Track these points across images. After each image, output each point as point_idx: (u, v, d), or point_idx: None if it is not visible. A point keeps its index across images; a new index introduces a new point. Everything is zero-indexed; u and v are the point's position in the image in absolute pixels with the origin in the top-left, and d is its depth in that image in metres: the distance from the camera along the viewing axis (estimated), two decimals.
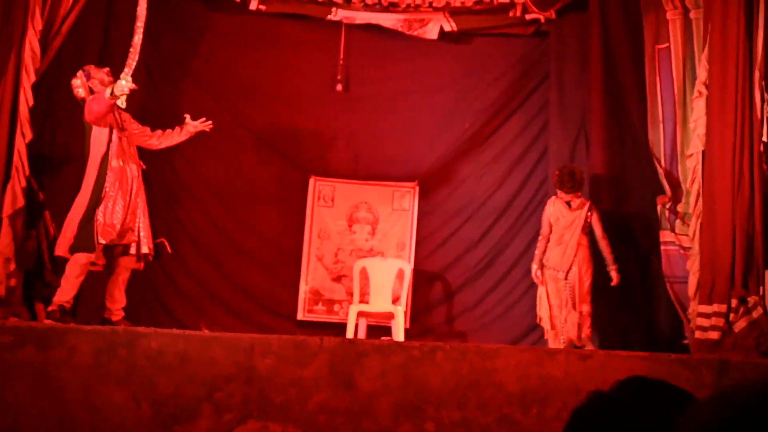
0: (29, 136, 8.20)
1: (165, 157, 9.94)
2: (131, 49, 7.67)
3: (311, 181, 10.14)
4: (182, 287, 9.84)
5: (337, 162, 10.34)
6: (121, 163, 7.81)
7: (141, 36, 7.78)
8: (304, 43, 10.43)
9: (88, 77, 8.07)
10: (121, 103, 7.47)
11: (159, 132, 8.34)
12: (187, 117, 8.34)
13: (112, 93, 7.45)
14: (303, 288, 9.98)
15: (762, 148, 7.85)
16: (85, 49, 9.45)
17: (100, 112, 7.65)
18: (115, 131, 7.82)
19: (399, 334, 9.05)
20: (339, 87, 10.33)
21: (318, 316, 9.96)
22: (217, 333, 7.13)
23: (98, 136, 7.79)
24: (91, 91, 7.93)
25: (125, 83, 7.45)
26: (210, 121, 8.39)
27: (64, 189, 9.27)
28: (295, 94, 10.40)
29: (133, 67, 7.56)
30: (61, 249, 7.82)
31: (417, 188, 10.15)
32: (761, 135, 7.85)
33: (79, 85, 8.04)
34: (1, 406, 6.44)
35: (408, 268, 9.72)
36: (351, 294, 9.56)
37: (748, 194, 7.83)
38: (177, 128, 8.36)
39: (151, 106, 10.03)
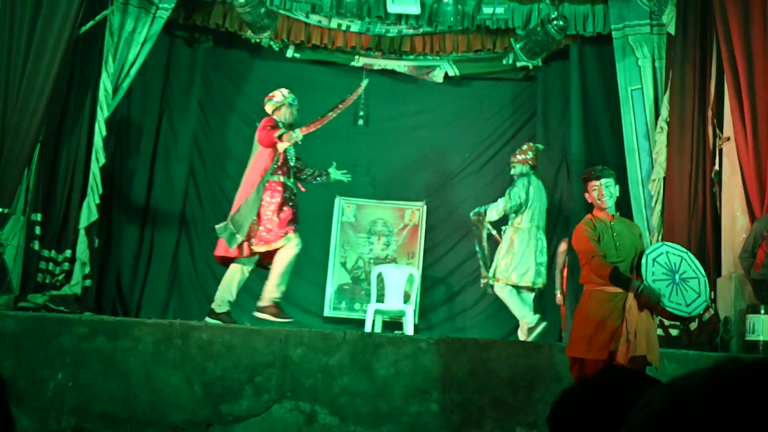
0: (102, 161, 8.26)
1: (216, 183, 10.01)
2: (321, 118, 7.44)
3: (336, 200, 10.16)
4: None
5: (359, 185, 10.34)
6: (280, 178, 7.39)
7: (335, 114, 7.59)
8: (331, 85, 10.46)
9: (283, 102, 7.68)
10: (281, 147, 7.20)
11: (306, 169, 7.97)
12: (334, 165, 8.14)
13: (280, 136, 7.15)
14: (329, 289, 10.00)
15: (713, 175, 7.85)
16: (149, 89, 9.53)
17: (263, 141, 7.27)
18: (279, 153, 7.39)
19: (409, 329, 9.05)
20: (360, 122, 10.38)
21: (341, 313, 9.98)
22: (256, 326, 7.15)
23: (263, 154, 7.38)
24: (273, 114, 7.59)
25: (296, 136, 7.13)
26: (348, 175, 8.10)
27: (131, 206, 9.34)
28: (324, 127, 10.38)
29: (312, 130, 7.34)
30: (221, 250, 7.40)
31: (425, 207, 10.17)
32: (713, 164, 7.86)
33: (275, 102, 7.70)
34: (76, 387, 6.48)
35: (417, 274, 9.73)
36: (369, 295, 9.57)
37: (701, 214, 7.84)
38: (323, 172, 8.06)
39: (203, 137, 10.09)
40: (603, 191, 5.41)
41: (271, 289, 7.38)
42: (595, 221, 5.40)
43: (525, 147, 8.57)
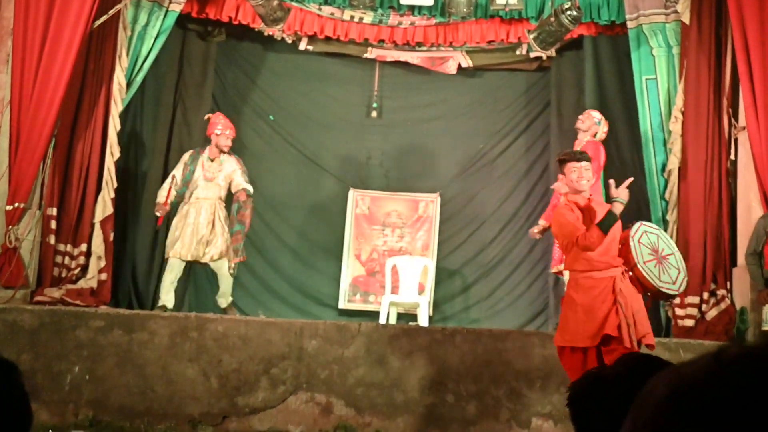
0: (117, 155, 8.30)
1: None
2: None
3: (351, 192, 10.18)
4: (243, 281, 9.90)
5: (372, 177, 10.37)
6: None
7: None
8: (344, 77, 10.49)
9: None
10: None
11: None
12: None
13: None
14: (344, 281, 10.02)
15: (729, 165, 7.83)
16: (163, 83, 9.56)
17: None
18: None
19: (424, 320, 9.06)
20: (373, 114, 10.38)
21: (356, 305, 9.99)
22: (272, 319, 7.18)
23: None
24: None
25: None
26: None
27: (145, 199, 9.37)
28: (337, 120, 10.45)
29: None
30: None
31: (438, 199, 10.17)
32: (728, 154, 7.84)
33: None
34: (93, 380, 6.53)
35: (431, 265, 9.73)
36: (384, 286, 9.58)
37: (717, 204, 7.82)
38: None
39: None
40: (583, 173, 5.34)
41: None
42: (572, 205, 5.32)
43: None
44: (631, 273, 5.20)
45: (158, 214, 8.15)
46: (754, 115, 7.31)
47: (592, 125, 8.16)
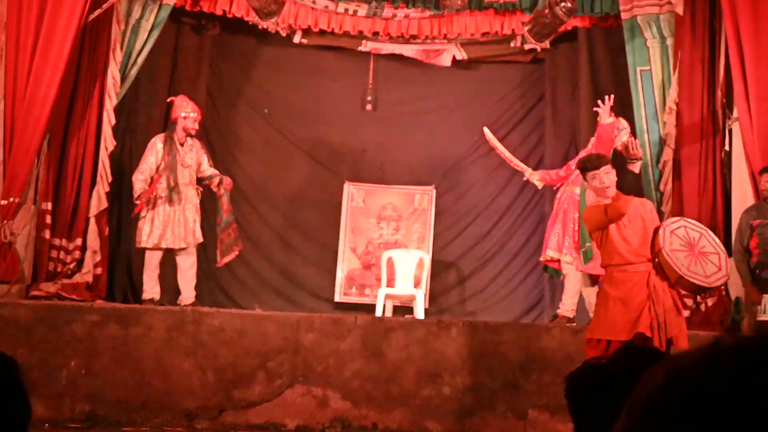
0: (111, 148, 8.30)
1: (226, 170, 10.03)
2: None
3: (346, 185, 10.17)
4: (239, 275, 9.91)
5: (368, 170, 10.37)
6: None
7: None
8: (339, 70, 10.47)
9: None
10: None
11: None
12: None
13: None
14: (339, 275, 10.02)
15: (723, 156, 7.85)
16: (157, 77, 9.54)
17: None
18: None
19: (420, 313, 9.07)
20: (368, 107, 10.37)
21: (352, 298, 9.99)
22: (268, 312, 7.19)
23: None
24: None
25: None
26: None
27: None
28: (332, 113, 10.43)
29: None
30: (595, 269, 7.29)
31: (434, 191, 10.17)
32: (723, 145, 7.86)
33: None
34: (89, 374, 6.54)
35: (427, 258, 9.74)
36: (379, 279, 9.59)
37: (711, 195, 7.84)
38: None
39: (212, 125, 10.10)
40: (603, 178, 5.40)
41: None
42: (601, 203, 5.42)
43: None
44: (656, 259, 5.25)
45: (140, 201, 7.93)
46: (745, 105, 7.32)
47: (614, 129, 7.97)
